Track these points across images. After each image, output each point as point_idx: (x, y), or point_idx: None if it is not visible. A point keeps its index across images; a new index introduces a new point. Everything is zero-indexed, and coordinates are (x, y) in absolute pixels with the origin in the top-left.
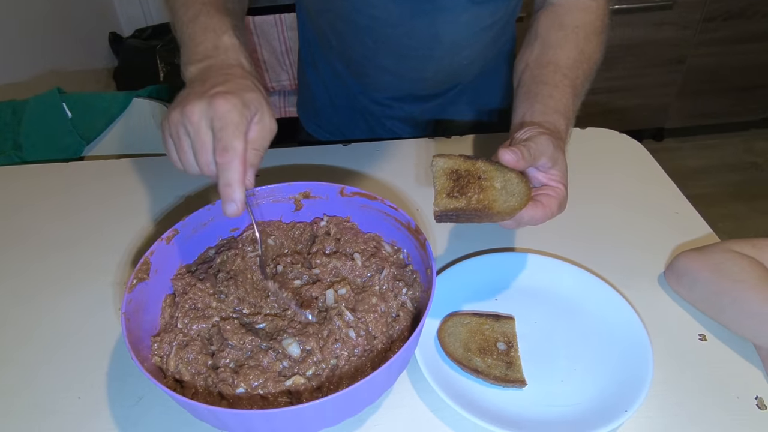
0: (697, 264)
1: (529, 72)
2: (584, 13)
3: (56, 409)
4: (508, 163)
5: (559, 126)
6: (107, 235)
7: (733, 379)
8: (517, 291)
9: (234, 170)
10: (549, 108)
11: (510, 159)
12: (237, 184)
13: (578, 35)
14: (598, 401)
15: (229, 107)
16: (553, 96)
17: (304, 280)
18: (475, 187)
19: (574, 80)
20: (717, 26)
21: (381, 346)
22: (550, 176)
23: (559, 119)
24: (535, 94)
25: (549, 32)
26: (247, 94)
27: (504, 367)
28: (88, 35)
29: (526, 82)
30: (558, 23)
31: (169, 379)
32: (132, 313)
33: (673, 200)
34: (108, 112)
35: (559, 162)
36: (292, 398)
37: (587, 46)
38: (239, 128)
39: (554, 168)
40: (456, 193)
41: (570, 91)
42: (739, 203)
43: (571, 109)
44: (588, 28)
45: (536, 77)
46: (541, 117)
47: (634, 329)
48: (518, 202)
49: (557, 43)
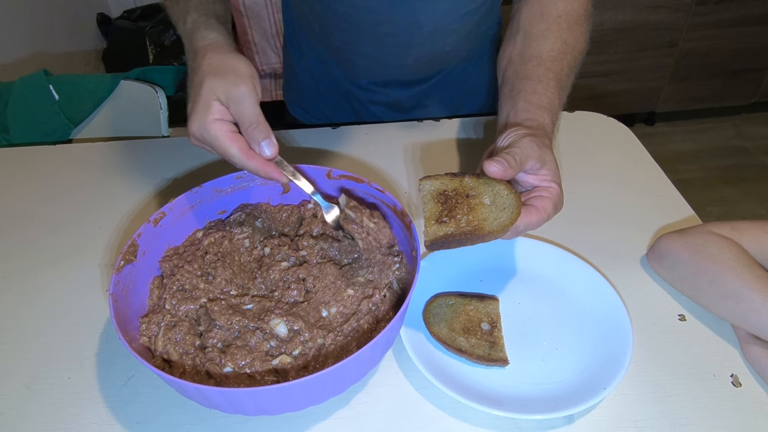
0: (677, 245)
1: (512, 68)
2: (566, 2)
3: (47, 389)
4: (494, 175)
5: (544, 122)
6: (95, 217)
7: (710, 357)
8: (502, 272)
9: (251, 168)
10: (532, 104)
11: (496, 171)
12: (263, 171)
13: (561, 25)
14: (579, 379)
15: (201, 130)
16: (536, 91)
17: (291, 261)
18: (464, 208)
19: (559, 73)
20: (709, 10)
21: (367, 326)
22: (542, 177)
23: (543, 115)
24: (518, 92)
25: (531, 24)
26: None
27: (487, 347)
28: (76, 16)
29: (510, 79)
30: (540, 13)
31: (157, 359)
32: (120, 295)
33: (658, 183)
34: (95, 95)
35: (548, 161)
36: (278, 377)
37: (571, 36)
38: (222, 138)
39: (544, 168)
40: (445, 217)
41: (554, 85)
42: (729, 187)
43: (556, 102)
44: (571, 17)
45: (519, 73)
46: (525, 115)
47: (616, 310)
48: (509, 217)
49: (540, 34)
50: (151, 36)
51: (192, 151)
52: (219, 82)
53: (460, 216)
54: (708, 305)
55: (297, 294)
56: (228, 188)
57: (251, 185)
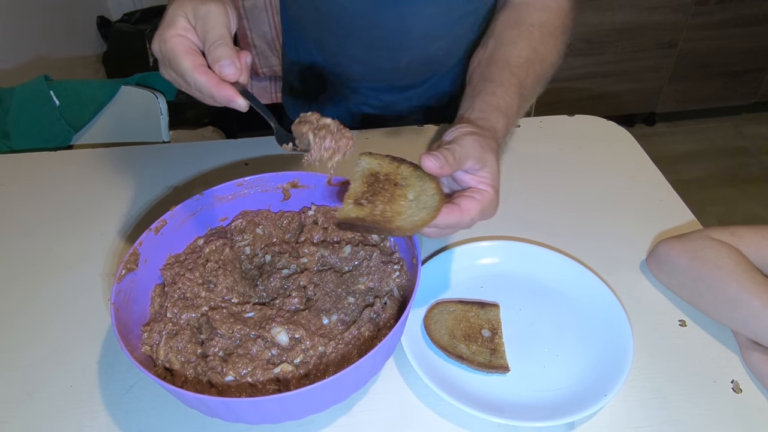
0: (676, 251)
1: (479, 70)
2: (543, 12)
3: (48, 397)
4: (430, 171)
5: (496, 125)
6: (96, 224)
7: (710, 363)
8: (502, 279)
9: (203, 84)
10: (489, 105)
11: (432, 166)
12: (215, 89)
13: (533, 34)
14: (580, 386)
15: (160, 44)
16: (496, 93)
17: (292, 269)
18: (387, 195)
19: (523, 79)
20: (709, 10)
21: (368, 334)
22: (479, 179)
23: (497, 118)
24: (478, 92)
25: (504, 30)
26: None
27: (488, 354)
28: (76, 19)
29: (474, 80)
30: (515, 21)
31: (159, 368)
32: (121, 303)
33: (658, 187)
34: (96, 100)
35: (489, 164)
36: (280, 386)
37: (542, 46)
38: (177, 51)
39: (483, 170)
40: (364, 199)
41: (515, 90)
42: (729, 187)
43: (514, 108)
44: (545, 27)
45: (484, 75)
46: (479, 114)
47: (616, 316)
48: (422, 219)
49: (511, 40)
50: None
51: (193, 158)
52: (188, 1)
53: (379, 203)
54: (708, 311)
55: (298, 302)
56: (229, 195)
57: (252, 192)
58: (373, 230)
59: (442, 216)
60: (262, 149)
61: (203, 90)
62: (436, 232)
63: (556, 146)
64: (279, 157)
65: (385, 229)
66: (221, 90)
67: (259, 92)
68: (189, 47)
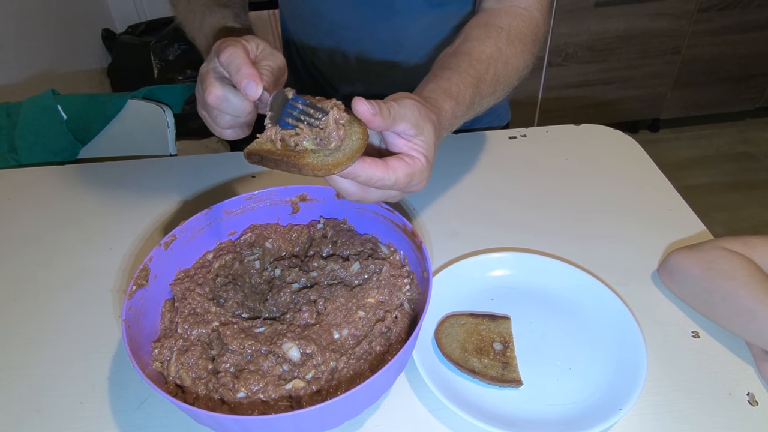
0: (689, 261)
1: (441, 59)
2: (513, 17)
3: (58, 414)
4: (362, 115)
5: (443, 105)
6: (104, 238)
7: (725, 375)
8: (513, 291)
9: (237, 56)
10: (440, 88)
11: (364, 110)
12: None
13: (500, 35)
14: (594, 400)
15: (225, 53)
16: (450, 79)
17: (302, 283)
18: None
19: (482, 73)
20: (712, 16)
21: (379, 348)
22: (412, 145)
23: (445, 99)
24: (434, 77)
25: (472, 30)
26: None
27: (500, 367)
28: (81, 32)
29: (433, 69)
30: (484, 23)
31: (170, 385)
32: (132, 320)
33: (667, 197)
34: (103, 114)
35: (426, 132)
36: (292, 402)
37: (508, 48)
38: (238, 50)
39: (418, 137)
40: None
41: (471, 81)
42: (734, 193)
43: (466, 97)
44: (513, 31)
45: (444, 64)
46: (428, 94)
47: (628, 328)
48: (337, 159)
49: (476, 37)
50: (155, 51)
51: (200, 171)
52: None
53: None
54: (721, 322)
55: (308, 316)
56: (238, 209)
57: (261, 206)
58: (282, 165)
59: (364, 167)
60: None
61: (233, 62)
62: (354, 188)
63: (563, 156)
64: None
65: (294, 165)
66: (248, 67)
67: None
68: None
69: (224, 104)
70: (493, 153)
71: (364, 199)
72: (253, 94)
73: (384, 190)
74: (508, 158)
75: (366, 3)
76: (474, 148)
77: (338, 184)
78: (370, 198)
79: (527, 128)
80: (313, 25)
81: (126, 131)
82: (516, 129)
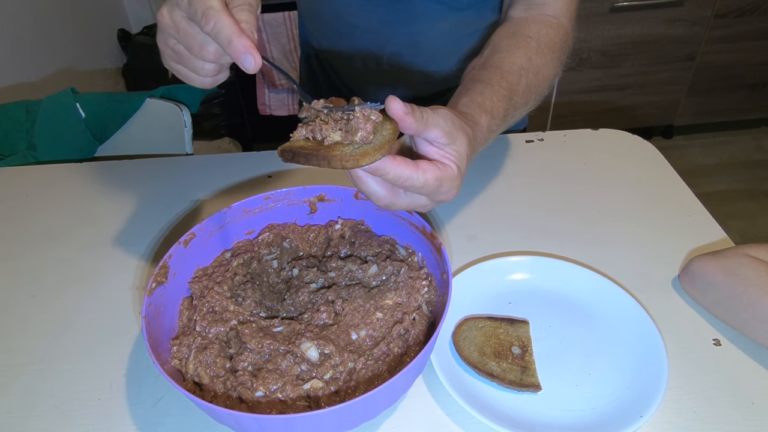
0: (711, 268)
1: (471, 73)
2: (541, 26)
3: (76, 409)
4: (394, 113)
5: (479, 119)
6: (122, 236)
7: (747, 384)
8: (532, 295)
9: (225, 25)
10: (474, 102)
11: (397, 108)
12: (236, 36)
13: (530, 44)
14: (614, 406)
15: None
16: (483, 93)
17: (320, 283)
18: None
19: (514, 85)
20: (728, 23)
21: (397, 350)
22: (444, 153)
23: (480, 113)
24: (467, 90)
25: (501, 40)
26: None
27: (519, 372)
28: (98, 32)
29: (464, 82)
30: (512, 33)
31: (188, 382)
32: (152, 317)
33: (687, 203)
34: (121, 113)
35: (458, 142)
36: (310, 402)
37: (538, 57)
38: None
39: (450, 146)
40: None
41: (504, 94)
42: (749, 201)
43: (500, 110)
44: (543, 40)
45: (475, 77)
46: (463, 108)
47: (649, 334)
48: (365, 150)
49: (506, 48)
50: None
51: (216, 170)
52: None
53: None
54: (744, 329)
55: (326, 317)
56: (256, 209)
57: (279, 206)
58: (312, 159)
59: (393, 164)
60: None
61: (221, 33)
62: (383, 191)
63: (581, 160)
64: (302, 170)
65: (324, 157)
66: (242, 38)
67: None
68: None
69: (223, 57)
70: (510, 156)
71: (393, 205)
72: (253, 68)
73: (412, 197)
74: (526, 162)
75: (386, 7)
76: (491, 151)
77: (367, 186)
78: (398, 204)
79: (544, 132)
80: (333, 27)
81: (143, 130)
82: (533, 133)
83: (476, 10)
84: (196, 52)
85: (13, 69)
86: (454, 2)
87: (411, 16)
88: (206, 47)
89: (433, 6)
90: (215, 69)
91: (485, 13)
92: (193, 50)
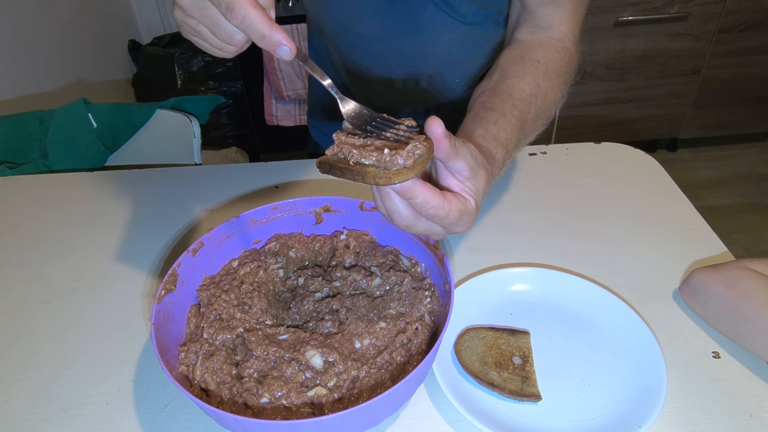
0: (711, 280)
1: (481, 98)
2: (548, 50)
3: (85, 414)
4: (433, 132)
5: (495, 154)
6: (132, 244)
7: (746, 396)
8: (533, 306)
9: (254, 20)
10: (489, 134)
11: (437, 129)
12: (267, 30)
13: (538, 69)
14: (613, 417)
15: (237, 16)
16: (497, 123)
17: (325, 293)
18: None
19: (524, 113)
20: (732, 37)
21: (400, 359)
22: (464, 187)
23: (497, 147)
24: (480, 119)
25: (509, 64)
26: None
27: (519, 381)
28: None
29: (476, 107)
30: (520, 57)
31: (195, 388)
32: (161, 323)
33: (688, 216)
34: (132, 123)
35: (478, 178)
36: (314, 408)
37: (546, 82)
38: (249, 10)
39: (471, 181)
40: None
41: (517, 124)
42: (754, 214)
43: (513, 141)
44: (550, 65)
45: (486, 104)
46: (480, 141)
47: (648, 345)
48: (397, 170)
49: (515, 74)
50: (179, 62)
51: (225, 180)
52: None
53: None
54: (743, 342)
55: (331, 325)
56: (263, 219)
57: (285, 216)
58: (348, 173)
59: (423, 189)
60: (292, 174)
61: (253, 27)
62: (407, 212)
63: (583, 173)
64: (308, 181)
65: (359, 173)
66: (274, 31)
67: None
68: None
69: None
70: (513, 169)
71: (412, 228)
72: (290, 57)
73: (430, 224)
74: (528, 174)
75: (393, 17)
76: None
77: (393, 202)
78: (417, 228)
79: (547, 145)
80: (339, 37)
81: (153, 140)
82: (536, 146)
83: (483, 23)
84: (224, 38)
85: (27, 80)
86: (461, 16)
87: (418, 27)
88: (235, 36)
89: (440, 17)
90: (240, 48)
91: (492, 26)
92: (222, 37)
